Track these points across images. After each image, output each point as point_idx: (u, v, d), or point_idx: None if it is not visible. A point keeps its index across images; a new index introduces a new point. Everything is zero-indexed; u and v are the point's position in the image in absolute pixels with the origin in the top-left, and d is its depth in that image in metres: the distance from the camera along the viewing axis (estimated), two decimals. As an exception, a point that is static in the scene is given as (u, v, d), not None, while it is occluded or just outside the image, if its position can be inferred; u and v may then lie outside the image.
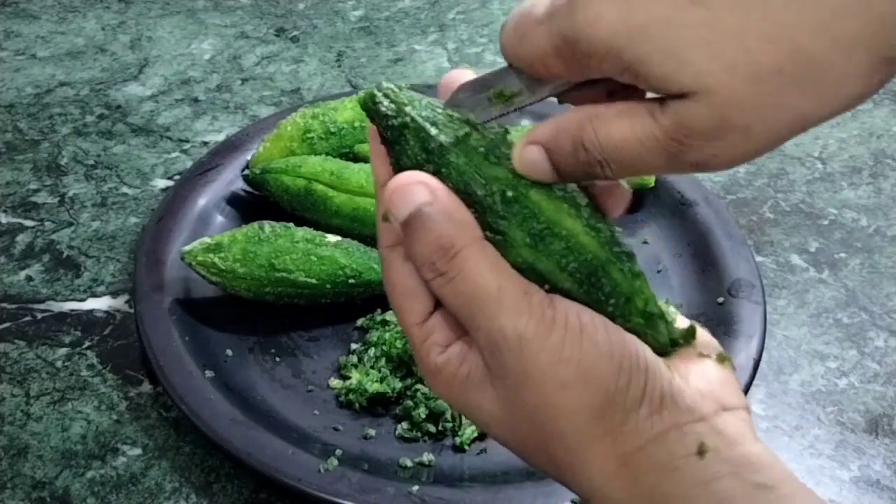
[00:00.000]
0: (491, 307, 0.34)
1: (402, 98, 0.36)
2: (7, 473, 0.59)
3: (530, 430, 0.36)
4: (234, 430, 0.58)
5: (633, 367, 0.34)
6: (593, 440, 0.34)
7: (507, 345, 0.34)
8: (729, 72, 0.30)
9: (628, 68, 0.32)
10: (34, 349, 0.67)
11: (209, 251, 0.66)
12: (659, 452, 0.34)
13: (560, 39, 0.33)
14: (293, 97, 0.93)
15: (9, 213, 0.78)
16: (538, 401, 0.34)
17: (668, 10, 0.30)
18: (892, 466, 0.61)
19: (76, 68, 0.96)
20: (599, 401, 0.34)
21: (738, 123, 0.31)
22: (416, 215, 0.35)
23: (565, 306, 0.35)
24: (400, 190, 0.35)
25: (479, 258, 0.34)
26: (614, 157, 0.33)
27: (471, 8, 1.08)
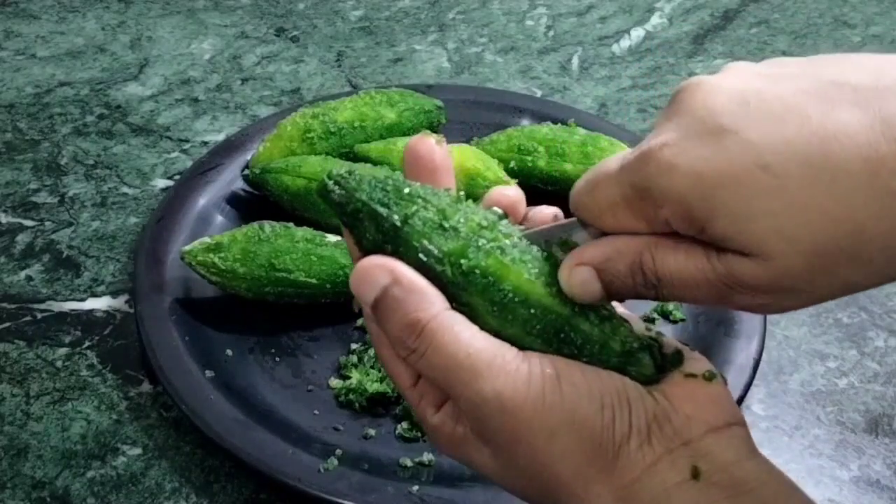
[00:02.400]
0: (464, 375, 0.35)
1: (351, 184, 0.37)
2: (7, 473, 0.59)
3: (529, 482, 0.36)
4: (234, 430, 0.58)
5: (615, 402, 0.35)
6: (589, 480, 0.35)
7: (489, 407, 0.34)
8: (789, 244, 0.31)
9: (694, 221, 0.33)
10: (34, 349, 0.67)
11: (209, 251, 0.66)
12: (654, 482, 0.34)
13: (631, 188, 0.34)
14: (293, 97, 0.93)
15: (9, 213, 0.78)
16: (530, 454, 0.35)
17: (739, 172, 0.31)
18: (892, 466, 0.61)
19: (76, 68, 0.96)
20: (588, 441, 0.34)
21: (789, 287, 0.32)
22: (381, 298, 0.35)
23: (539, 358, 0.35)
24: (363, 275, 0.36)
25: (444, 330, 0.35)
26: (667, 284, 0.35)
27: (471, 8, 1.08)
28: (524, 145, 0.76)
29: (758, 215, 0.31)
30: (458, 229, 0.36)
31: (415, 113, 0.80)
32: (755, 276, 0.32)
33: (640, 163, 0.33)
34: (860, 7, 1.10)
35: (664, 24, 1.06)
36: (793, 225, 0.31)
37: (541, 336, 0.36)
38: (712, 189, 0.32)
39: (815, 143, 0.31)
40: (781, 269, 0.32)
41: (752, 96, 0.32)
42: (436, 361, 0.35)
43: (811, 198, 0.30)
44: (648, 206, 0.34)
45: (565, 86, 0.96)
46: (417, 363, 0.36)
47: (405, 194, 0.36)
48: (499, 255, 0.36)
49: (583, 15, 1.08)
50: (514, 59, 1.00)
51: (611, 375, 0.36)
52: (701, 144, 0.32)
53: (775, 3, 1.10)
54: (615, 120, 0.90)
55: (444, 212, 0.36)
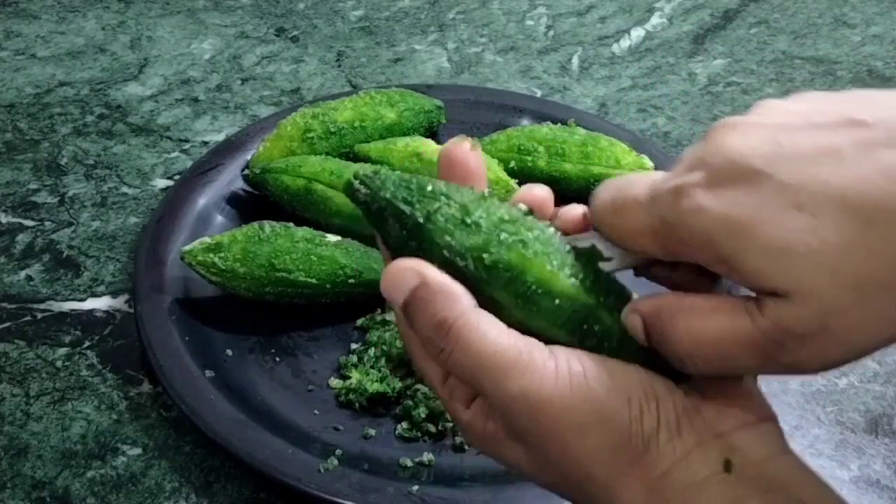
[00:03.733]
0: (491, 373, 0.35)
1: (376, 183, 0.37)
2: (7, 473, 0.59)
3: (562, 477, 0.36)
4: (234, 430, 0.58)
5: (642, 396, 0.35)
6: (620, 474, 0.35)
7: (517, 406, 0.35)
8: (831, 277, 0.30)
9: (725, 260, 0.32)
10: (34, 349, 0.67)
11: (209, 251, 0.66)
12: (684, 474, 0.34)
13: (660, 222, 0.34)
14: (293, 97, 0.93)
15: (9, 213, 0.78)
16: (560, 450, 0.35)
17: (771, 212, 0.31)
18: (892, 466, 0.61)
19: (76, 68, 0.96)
20: (617, 435, 0.34)
21: (837, 329, 0.31)
22: (410, 300, 0.36)
23: (566, 354, 0.35)
24: (392, 278, 0.36)
25: (471, 328, 0.35)
26: (700, 353, 0.34)
27: (471, 8, 1.08)
28: (524, 145, 0.76)
29: (795, 252, 0.31)
30: (479, 224, 0.36)
31: (415, 113, 0.80)
32: (801, 319, 0.31)
33: (671, 201, 0.33)
34: (860, 7, 1.10)
35: (664, 24, 1.06)
36: (832, 258, 0.30)
37: (565, 327, 0.36)
38: (744, 230, 0.31)
39: (850, 184, 0.30)
40: (826, 306, 0.31)
41: (785, 138, 0.32)
42: (463, 360, 0.35)
43: (849, 237, 0.30)
44: (676, 242, 0.34)
45: (565, 86, 0.96)
46: (446, 363, 0.36)
47: (428, 192, 0.37)
48: (521, 248, 0.36)
49: (583, 15, 1.08)
50: (514, 59, 1.00)
51: (638, 370, 0.36)
52: (733, 187, 0.32)
53: (775, 3, 1.10)
54: (615, 120, 0.90)
55: (466, 208, 0.36)
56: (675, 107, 0.93)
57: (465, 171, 0.39)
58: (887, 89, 0.33)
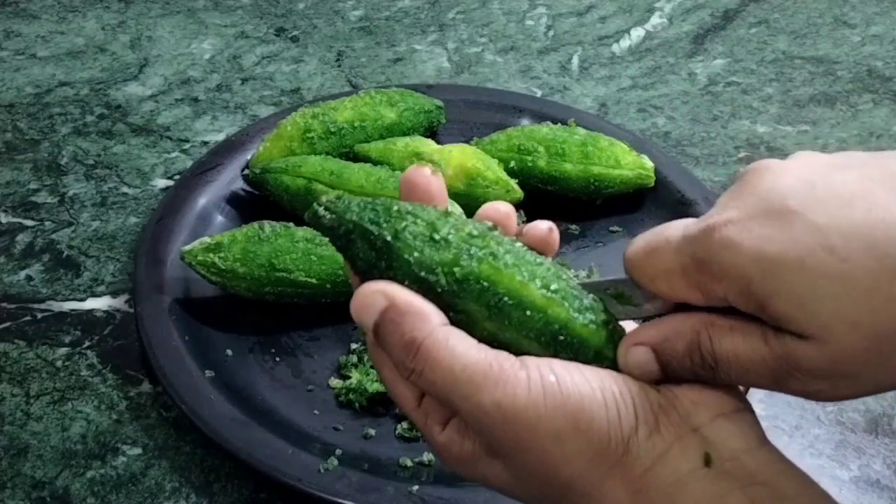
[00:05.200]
0: (463, 388, 0.35)
1: (341, 207, 0.37)
2: (7, 473, 0.59)
3: (542, 488, 0.36)
4: (234, 430, 0.58)
5: (618, 396, 0.35)
6: (602, 478, 0.35)
7: (491, 419, 0.35)
8: (851, 328, 0.31)
9: (753, 299, 0.33)
10: (34, 349, 0.67)
11: (209, 251, 0.66)
12: (666, 471, 0.34)
13: (690, 259, 0.34)
14: (293, 97, 0.93)
15: (9, 213, 0.78)
16: (539, 460, 0.35)
17: (803, 253, 0.32)
18: (892, 466, 0.61)
19: (76, 68, 0.96)
20: (596, 440, 0.34)
21: (849, 373, 0.32)
22: (380, 322, 0.36)
23: (536, 363, 0.35)
24: (361, 302, 0.36)
25: (440, 346, 0.35)
26: (725, 366, 0.35)
27: (471, 8, 1.08)
28: (524, 145, 0.76)
29: (820, 297, 0.31)
30: (448, 240, 0.36)
31: (415, 113, 0.80)
32: (813, 360, 0.32)
33: (704, 236, 0.34)
34: (860, 7, 1.10)
35: (664, 24, 1.06)
36: (855, 308, 0.31)
37: (537, 339, 0.36)
38: (774, 268, 0.32)
39: (881, 228, 0.31)
40: (840, 352, 0.31)
41: (819, 180, 0.33)
42: (433, 378, 0.35)
43: (875, 282, 0.31)
44: (706, 279, 0.34)
45: (565, 86, 0.96)
46: (418, 382, 0.36)
47: (394, 211, 0.37)
48: (491, 260, 0.36)
49: (583, 15, 1.08)
50: (514, 59, 1.00)
51: (610, 372, 0.36)
52: (766, 224, 0.33)
53: (775, 3, 1.10)
54: (615, 120, 0.90)
55: (433, 224, 0.36)
56: (675, 107, 0.93)
57: (427, 195, 0.39)
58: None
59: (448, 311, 0.36)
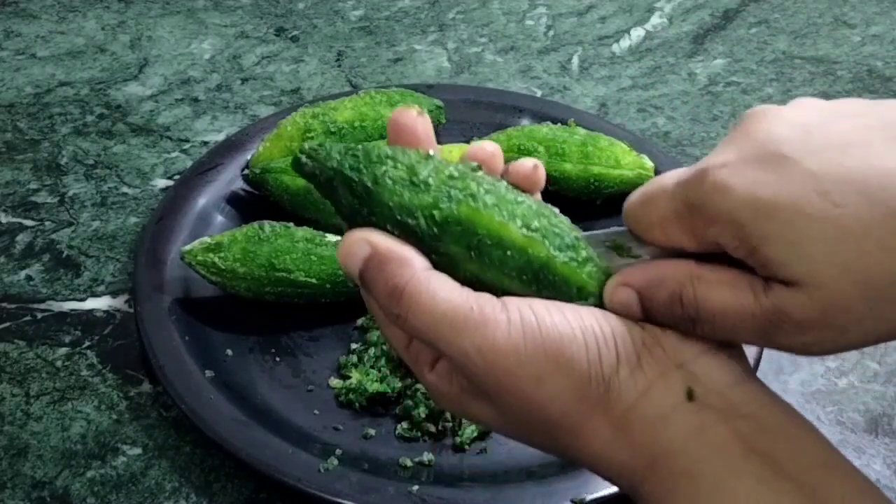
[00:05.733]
0: (445, 332, 0.35)
1: (322, 154, 0.37)
2: (7, 473, 0.59)
3: (527, 427, 0.37)
4: (234, 430, 0.58)
5: (598, 336, 0.35)
6: (585, 417, 0.35)
7: (472, 361, 0.35)
8: (842, 273, 0.31)
9: (745, 243, 0.33)
10: (34, 349, 0.67)
11: (209, 251, 0.66)
12: (649, 407, 0.34)
13: (684, 204, 0.34)
14: (293, 97, 0.93)
15: (9, 213, 0.78)
16: (521, 402, 0.35)
17: (797, 196, 0.32)
18: (892, 466, 0.61)
19: (76, 68, 0.96)
20: (577, 380, 0.34)
21: (837, 323, 0.32)
22: (364, 270, 0.36)
23: (517, 304, 0.35)
24: (346, 251, 0.37)
25: (421, 290, 0.35)
26: (708, 319, 0.35)
27: (471, 8, 1.08)
28: (524, 145, 0.76)
29: (813, 240, 0.31)
30: (428, 183, 0.36)
31: (415, 113, 0.80)
32: (803, 310, 0.32)
33: (697, 180, 0.34)
34: (860, 7, 1.10)
35: (664, 24, 1.06)
36: (847, 253, 0.31)
37: (519, 278, 0.36)
38: (767, 211, 0.32)
39: (875, 175, 0.31)
40: (830, 300, 0.31)
41: (815, 128, 0.33)
42: (416, 323, 0.35)
43: (868, 228, 0.31)
44: (699, 223, 0.34)
45: (565, 86, 0.96)
46: (404, 327, 0.36)
47: (374, 157, 0.37)
48: (470, 201, 0.36)
49: (583, 15, 1.08)
50: (514, 59, 1.00)
51: (592, 311, 0.36)
52: (760, 169, 0.33)
53: (775, 3, 1.10)
54: (615, 120, 0.90)
55: (413, 168, 0.37)
56: (675, 107, 0.93)
57: (413, 137, 0.39)
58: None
59: (430, 255, 0.36)
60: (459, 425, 0.61)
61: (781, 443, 0.33)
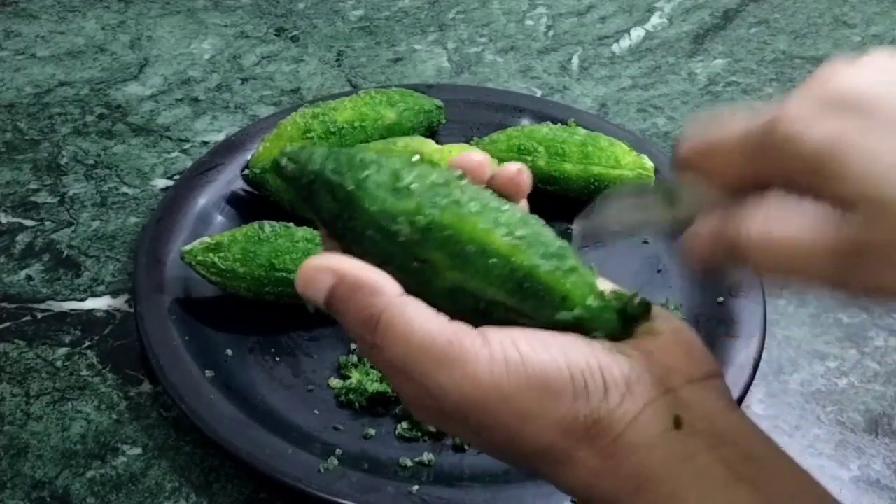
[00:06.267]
0: (423, 367, 0.34)
1: (303, 157, 0.37)
2: (7, 473, 0.59)
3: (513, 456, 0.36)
4: (234, 430, 0.58)
5: (584, 368, 0.34)
6: (571, 449, 0.34)
7: (452, 399, 0.34)
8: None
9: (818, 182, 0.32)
10: (34, 349, 0.67)
11: (209, 251, 0.66)
12: (636, 435, 0.34)
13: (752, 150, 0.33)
14: (293, 97, 0.93)
15: (9, 213, 0.78)
16: (505, 437, 0.34)
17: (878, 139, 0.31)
18: (892, 466, 0.61)
19: (76, 68, 0.96)
20: (564, 415, 0.34)
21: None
22: (330, 300, 0.35)
23: (499, 337, 0.34)
24: (307, 279, 0.35)
25: (397, 320, 0.34)
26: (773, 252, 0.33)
27: (471, 8, 1.08)
28: (524, 145, 0.76)
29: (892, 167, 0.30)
30: (411, 189, 0.36)
31: (415, 113, 0.80)
32: (886, 231, 0.31)
33: (767, 131, 0.33)
34: (860, 7, 1.10)
35: (664, 24, 1.06)
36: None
37: (503, 287, 0.35)
38: (849, 150, 0.31)
39: None
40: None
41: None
42: (391, 355, 0.34)
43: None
44: (769, 165, 0.33)
45: (565, 86, 0.96)
46: (378, 359, 0.35)
47: (357, 161, 0.36)
48: (455, 208, 0.35)
49: (583, 15, 1.08)
50: (514, 59, 1.00)
51: (576, 342, 0.35)
52: (841, 116, 0.32)
53: (775, 2, 1.10)
54: (615, 120, 0.90)
55: (397, 173, 0.36)
56: (675, 107, 0.93)
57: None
58: None
59: (412, 261, 0.35)
60: (459, 425, 0.61)
61: (767, 471, 0.33)
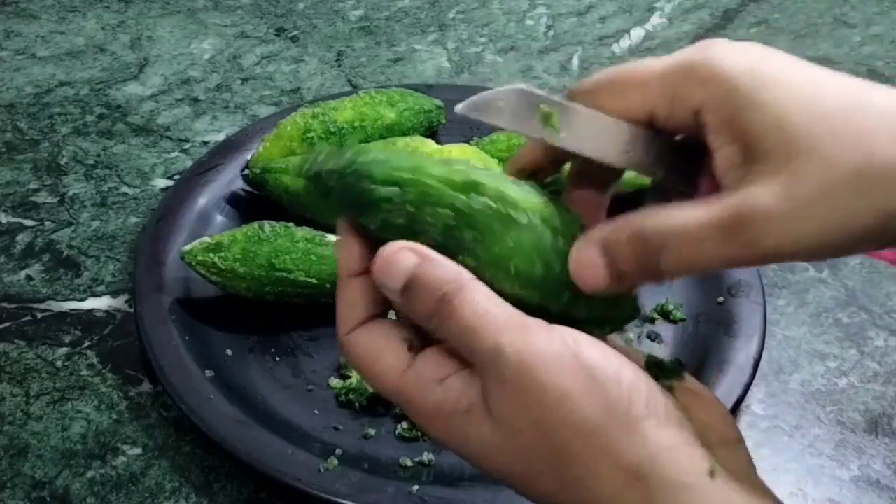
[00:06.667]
0: (489, 329, 0.35)
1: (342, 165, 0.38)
2: (7, 473, 0.59)
3: (533, 449, 0.35)
4: (234, 430, 0.58)
5: (632, 382, 0.35)
6: (601, 451, 0.34)
7: (505, 360, 0.34)
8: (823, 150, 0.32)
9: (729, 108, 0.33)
10: (34, 349, 0.67)
11: (209, 251, 0.66)
12: (671, 465, 0.34)
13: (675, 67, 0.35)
14: (293, 97, 0.93)
15: (9, 213, 0.78)
16: (539, 413, 0.34)
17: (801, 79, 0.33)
18: (892, 466, 0.61)
19: (76, 68, 0.96)
20: (602, 410, 0.34)
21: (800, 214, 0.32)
22: (412, 280, 0.36)
23: (561, 328, 0.35)
24: (389, 260, 0.37)
25: (473, 294, 0.35)
26: (673, 245, 0.34)
27: (471, 7, 1.08)
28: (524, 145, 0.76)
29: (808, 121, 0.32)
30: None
31: (415, 113, 0.80)
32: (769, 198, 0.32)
33: (701, 46, 0.35)
34: (860, 7, 1.10)
35: (664, 24, 1.06)
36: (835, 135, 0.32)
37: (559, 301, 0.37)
38: (765, 80, 0.33)
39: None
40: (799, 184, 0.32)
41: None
42: (462, 323, 0.35)
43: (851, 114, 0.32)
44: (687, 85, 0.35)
45: (565, 86, 0.96)
46: (442, 324, 0.36)
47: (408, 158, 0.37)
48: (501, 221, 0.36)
49: (583, 15, 1.08)
50: (514, 58, 1.00)
51: (630, 363, 0.36)
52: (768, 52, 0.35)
53: (775, 3, 1.10)
54: (615, 120, 0.90)
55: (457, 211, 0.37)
56: (675, 107, 0.93)
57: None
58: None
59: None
60: (459, 425, 0.61)
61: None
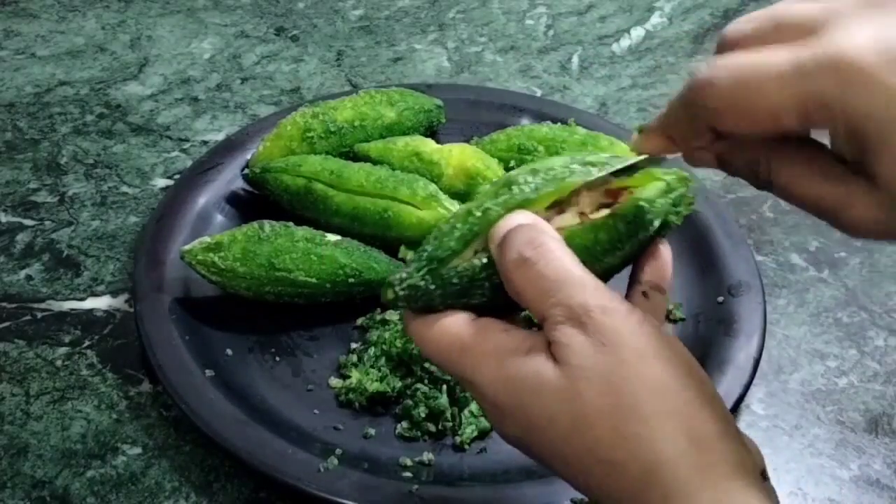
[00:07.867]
0: (575, 286, 0.36)
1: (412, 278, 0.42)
2: (7, 473, 0.59)
3: (595, 397, 0.34)
4: (234, 430, 0.58)
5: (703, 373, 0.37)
6: (669, 413, 0.34)
7: (588, 315, 0.35)
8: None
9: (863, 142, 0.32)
10: (34, 348, 0.67)
11: (209, 250, 0.66)
12: (731, 454, 0.34)
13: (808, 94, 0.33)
14: (293, 96, 0.93)
15: (9, 213, 0.78)
16: (614, 365, 0.34)
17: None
18: (892, 466, 0.61)
19: (76, 68, 0.96)
20: (679, 374, 0.34)
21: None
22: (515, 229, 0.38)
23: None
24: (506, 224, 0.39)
25: (562, 249, 0.37)
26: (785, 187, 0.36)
27: (471, 7, 1.08)
28: (524, 145, 0.76)
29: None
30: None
31: (414, 112, 0.80)
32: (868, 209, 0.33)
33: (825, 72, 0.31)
34: (860, 6, 1.10)
35: (664, 24, 1.06)
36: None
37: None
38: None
39: None
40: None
41: None
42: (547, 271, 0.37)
43: None
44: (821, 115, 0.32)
45: (565, 85, 0.96)
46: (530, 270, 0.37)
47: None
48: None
49: (583, 14, 1.08)
50: (514, 58, 1.00)
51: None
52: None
53: (775, 3, 1.10)
54: (615, 119, 0.90)
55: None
56: (675, 106, 0.93)
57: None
58: None
59: None
60: (459, 425, 0.61)
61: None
